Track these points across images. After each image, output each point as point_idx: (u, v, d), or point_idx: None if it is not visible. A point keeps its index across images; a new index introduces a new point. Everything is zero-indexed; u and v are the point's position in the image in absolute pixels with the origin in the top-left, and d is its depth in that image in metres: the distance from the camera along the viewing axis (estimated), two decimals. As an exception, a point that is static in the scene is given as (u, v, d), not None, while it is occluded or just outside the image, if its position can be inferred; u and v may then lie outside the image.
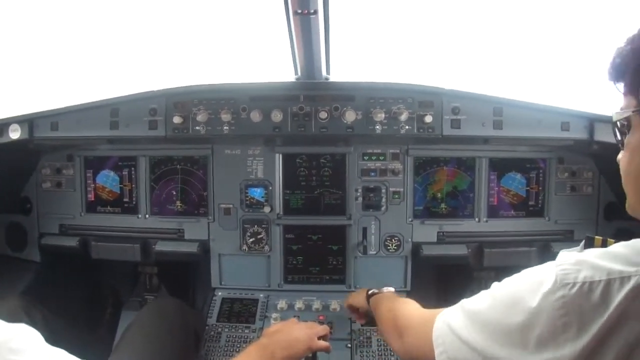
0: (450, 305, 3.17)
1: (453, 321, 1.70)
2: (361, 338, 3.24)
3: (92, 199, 3.69)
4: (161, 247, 3.59)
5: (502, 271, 3.86)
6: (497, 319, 1.54)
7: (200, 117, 3.22)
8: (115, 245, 3.61)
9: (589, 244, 1.67)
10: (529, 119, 3.16)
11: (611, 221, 3.53)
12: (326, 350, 2.64)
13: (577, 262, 1.42)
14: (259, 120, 3.20)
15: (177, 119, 3.22)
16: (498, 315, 1.54)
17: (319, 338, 2.61)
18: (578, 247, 1.63)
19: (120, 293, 4.16)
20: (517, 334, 1.46)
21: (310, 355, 2.62)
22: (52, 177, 3.68)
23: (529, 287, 1.47)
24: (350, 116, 3.16)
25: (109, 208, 3.69)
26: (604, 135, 3.08)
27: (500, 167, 3.55)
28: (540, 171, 3.55)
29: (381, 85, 3.23)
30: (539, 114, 3.16)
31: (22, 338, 1.47)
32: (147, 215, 3.65)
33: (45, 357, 1.49)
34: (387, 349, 3.16)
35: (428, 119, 3.15)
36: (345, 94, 3.21)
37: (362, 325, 3.29)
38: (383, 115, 3.15)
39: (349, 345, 3.19)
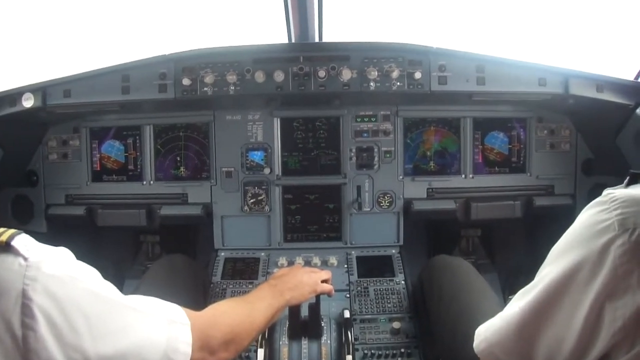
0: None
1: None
2: (359, 288, 3.39)
3: (98, 169, 3.80)
4: (166, 211, 3.72)
5: (488, 229, 4.12)
6: (555, 276, 1.52)
7: (207, 79, 3.35)
8: (121, 212, 3.72)
9: (634, 180, 1.53)
10: (509, 75, 3.35)
11: (589, 176, 3.72)
12: (329, 293, 2.80)
13: (632, 203, 1.39)
14: (262, 81, 3.35)
15: (185, 81, 3.35)
16: (555, 272, 1.52)
17: (322, 282, 2.77)
18: (622, 185, 1.53)
19: (122, 263, 4.28)
20: (579, 286, 1.44)
21: (314, 298, 2.77)
22: (58, 149, 3.78)
23: (586, 238, 1.44)
24: (346, 74, 3.33)
25: (114, 176, 3.81)
26: (578, 90, 3.28)
27: (483, 126, 3.77)
28: (521, 129, 3.77)
29: (374, 45, 3.42)
30: (518, 70, 3.34)
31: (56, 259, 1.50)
32: (151, 182, 3.78)
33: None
34: (384, 297, 3.31)
35: (417, 75, 3.34)
36: (341, 54, 3.37)
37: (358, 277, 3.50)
38: (376, 73, 3.33)
39: (348, 296, 3.34)
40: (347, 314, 2.93)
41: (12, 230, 1.44)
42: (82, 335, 1.42)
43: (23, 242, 1.43)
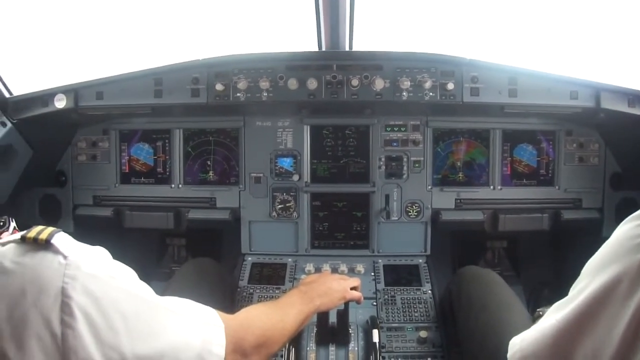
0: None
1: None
2: (386, 297, 3.38)
3: (127, 171, 3.84)
4: (194, 214, 3.74)
5: (514, 241, 4.10)
6: (593, 289, 1.50)
7: (240, 85, 3.36)
8: (148, 214, 3.74)
9: None
10: (541, 88, 3.33)
11: (617, 191, 3.70)
12: (358, 300, 2.77)
13: None
14: (295, 88, 3.35)
15: (219, 87, 3.36)
16: (593, 286, 1.51)
17: (351, 289, 2.76)
18: None
19: (147, 266, 4.27)
20: (618, 301, 1.43)
21: (343, 305, 2.76)
22: (88, 150, 3.81)
23: (625, 251, 1.43)
24: (379, 84, 3.34)
25: (142, 179, 3.83)
26: (609, 104, 3.27)
27: (512, 138, 3.76)
28: (550, 142, 3.75)
29: (407, 56, 3.42)
30: (551, 83, 3.33)
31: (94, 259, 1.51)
32: (180, 185, 3.80)
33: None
34: (410, 306, 3.30)
35: (450, 86, 3.33)
36: (374, 64, 3.38)
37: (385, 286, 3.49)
38: (409, 84, 3.33)
39: (375, 304, 3.33)
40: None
41: (51, 229, 1.45)
42: (120, 334, 1.43)
43: (62, 240, 1.44)
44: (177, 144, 3.79)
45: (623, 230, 1.49)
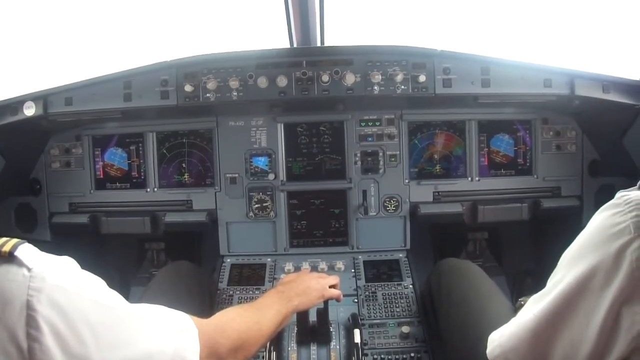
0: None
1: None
2: (367, 293, 3.35)
3: (101, 177, 3.78)
4: (171, 218, 3.70)
5: (495, 232, 4.09)
6: (569, 281, 1.50)
7: (210, 85, 3.32)
8: (125, 220, 3.70)
9: None
10: (515, 77, 3.31)
11: (595, 178, 3.69)
12: (337, 298, 2.77)
13: None
14: (265, 86, 3.32)
15: (188, 88, 3.32)
16: (569, 278, 1.51)
17: (330, 287, 2.74)
18: (635, 187, 1.50)
19: (127, 271, 4.25)
20: (595, 292, 1.43)
21: (323, 304, 2.74)
22: (61, 157, 3.75)
23: (601, 241, 1.43)
24: (349, 79, 3.30)
25: (117, 184, 3.78)
26: (584, 90, 3.26)
27: (488, 129, 3.74)
28: (527, 131, 3.74)
29: (377, 49, 3.39)
30: (524, 72, 3.31)
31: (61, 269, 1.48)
32: (155, 189, 3.76)
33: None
34: (392, 302, 3.28)
35: (422, 78, 3.31)
36: (344, 58, 3.34)
37: (366, 282, 3.46)
38: (380, 77, 3.31)
39: (356, 301, 3.30)
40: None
41: (15, 240, 1.41)
42: (88, 346, 1.40)
43: (27, 252, 1.40)
44: (151, 148, 3.75)
45: (598, 220, 1.48)
